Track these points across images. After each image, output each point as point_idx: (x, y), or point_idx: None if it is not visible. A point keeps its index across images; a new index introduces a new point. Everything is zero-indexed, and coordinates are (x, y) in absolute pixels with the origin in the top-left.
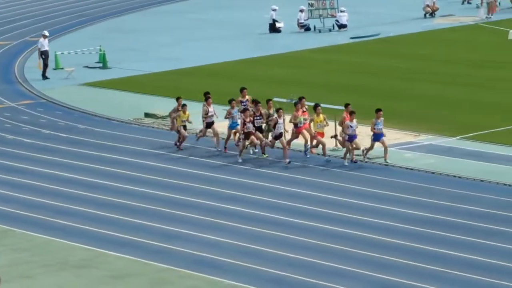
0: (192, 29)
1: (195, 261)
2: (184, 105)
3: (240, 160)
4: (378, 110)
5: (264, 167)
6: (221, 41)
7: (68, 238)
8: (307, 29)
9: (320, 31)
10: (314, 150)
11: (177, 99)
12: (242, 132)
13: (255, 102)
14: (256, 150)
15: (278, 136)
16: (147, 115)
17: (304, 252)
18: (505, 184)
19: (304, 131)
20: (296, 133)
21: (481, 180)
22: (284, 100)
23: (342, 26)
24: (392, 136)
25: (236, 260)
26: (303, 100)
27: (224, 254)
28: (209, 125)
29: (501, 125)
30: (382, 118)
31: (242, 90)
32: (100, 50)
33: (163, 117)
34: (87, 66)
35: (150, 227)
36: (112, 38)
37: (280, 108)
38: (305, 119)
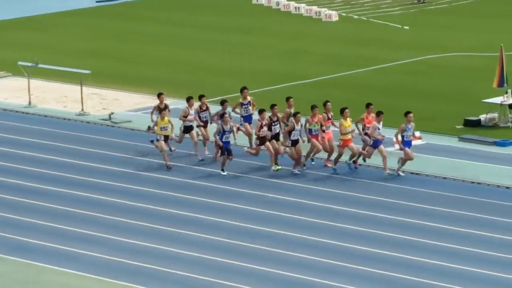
0: None
1: None
2: (165, 107)
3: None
4: (408, 113)
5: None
6: None
7: None
8: None
9: None
10: (330, 164)
11: (158, 95)
12: (257, 136)
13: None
14: (280, 167)
15: (294, 143)
16: None
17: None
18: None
19: (314, 141)
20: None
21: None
22: (30, 64)
23: None
24: (136, 100)
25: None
26: (328, 104)
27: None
28: (187, 129)
29: (250, 89)
30: (413, 123)
31: (242, 90)
32: None
33: None
34: None
35: None
36: None
37: (298, 112)
38: (326, 127)
